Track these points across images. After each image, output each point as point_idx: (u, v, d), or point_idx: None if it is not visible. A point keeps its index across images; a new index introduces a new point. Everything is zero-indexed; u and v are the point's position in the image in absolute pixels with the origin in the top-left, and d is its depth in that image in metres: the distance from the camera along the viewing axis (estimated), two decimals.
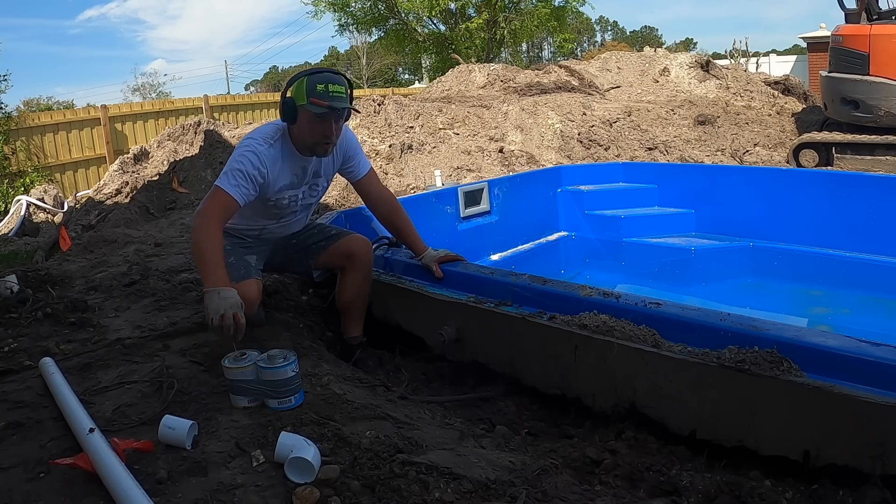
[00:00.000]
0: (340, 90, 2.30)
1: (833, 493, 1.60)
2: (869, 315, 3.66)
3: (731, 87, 9.85)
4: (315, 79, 2.30)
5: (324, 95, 2.27)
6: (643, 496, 1.67)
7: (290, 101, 2.34)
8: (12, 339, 2.54)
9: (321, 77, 2.30)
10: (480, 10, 19.84)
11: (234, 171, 2.29)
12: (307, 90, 2.28)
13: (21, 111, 13.50)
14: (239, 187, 2.28)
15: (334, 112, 2.29)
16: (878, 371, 1.65)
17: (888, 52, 6.66)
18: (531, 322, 2.26)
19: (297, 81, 2.33)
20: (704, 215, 4.57)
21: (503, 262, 4.29)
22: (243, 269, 2.38)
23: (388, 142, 6.77)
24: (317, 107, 2.26)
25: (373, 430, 1.76)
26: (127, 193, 7.24)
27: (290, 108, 2.34)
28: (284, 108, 2.35)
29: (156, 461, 1.63)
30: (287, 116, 2.36)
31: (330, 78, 2.31)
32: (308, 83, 2.29)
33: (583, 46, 58.50)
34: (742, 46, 16.17)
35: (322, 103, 2.26)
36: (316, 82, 2.28)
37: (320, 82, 2.28)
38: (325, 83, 2.28)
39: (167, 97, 26.51)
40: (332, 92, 2.28)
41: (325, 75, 2.32)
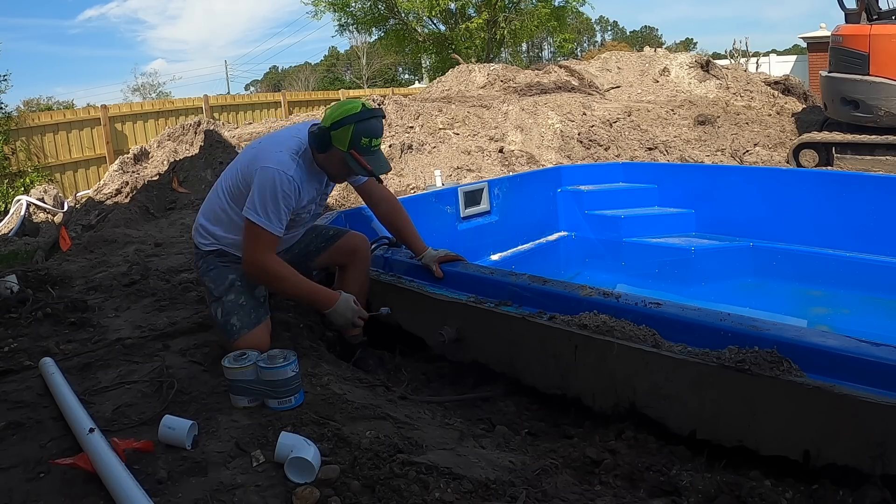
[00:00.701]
0: (379, 142, 2.29)
1: (833, 493, 1.60)
2: (869, 315, 3.66)
3: (731, 87, 9.85)
4: (362, 129, 2.21)
5: (366, 151, 2.23)
6: (643, 496, 1.67)
7: (326, 136, 2.24)
8: (12, 339, 2.54)
9: (369, 128, 2.22)
10: (480, 10, 19.83)
11: (273, 209, 2.17)
12: (352, 139, 2.21)
13: (21, 111, 13.51)
14: (281, 222, 2.22)
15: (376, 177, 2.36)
16: (878, 371, 1.65)
17: (888, 52, 6.66)
18: (531, 322, 2.26)
19: (344, 127, 2.21)
20: (704, 215, 4.57)
21: (503, 262, 4.29)
22: (253, 312, 2.30)
23: (388, 142, 6.77)
24: (359, 166, 2.25)
25: (373, 430, 1.76)
26: (127, 193, 7.24)
27: (325, 142, 2.25)
28: (319, 138, 2.24)
29: (156, 461, 1.63)
30: (319, 147, 2.27)
31: (376, 130, 2.24)
32: (354, 132, 2.20)
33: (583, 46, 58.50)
34: (742, 46, 16.18)
35: (365, 165, 2.24)
36: (362, 134, 2.21)
37: (366, 135, 2.21)
38: (370, 137, 2.22)
39: (167, 97, 26.53)
40: (374, 147, 2.25)
41: (372, 125, 2.24)
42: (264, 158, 2.24)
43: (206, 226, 2.43)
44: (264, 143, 2.40)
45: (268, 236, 2.20)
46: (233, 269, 2.36)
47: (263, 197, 2.17)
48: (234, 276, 2.34)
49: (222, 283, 2.34)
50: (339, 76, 45.07)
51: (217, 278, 2.35)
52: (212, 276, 2.37)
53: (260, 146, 2.39)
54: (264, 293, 2.42)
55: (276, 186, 2.17)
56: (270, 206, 2.17)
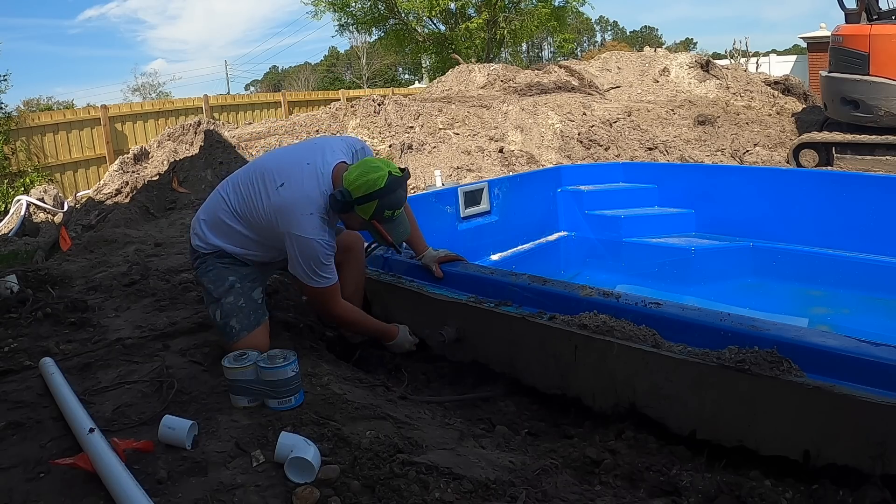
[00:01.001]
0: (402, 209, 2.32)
1: (833, 493, 1.60)
2: (869, 315, 3.66)
3: (731, 87, 9.85)
4: (386, 204, 2.21)
5: (388, 222, 2.27)
6: (643, 496, 1.67)
7: (348, 203, 2.19)
8: (12, 339, 2.54)
9: (393, 201, 2.23)
10: (480, 10, 19.84)
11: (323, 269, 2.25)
12: (376, 211, 2.22)
13: (21, 111, 13.50)
14: (332, 271, 2.29)
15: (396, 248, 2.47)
16: (878, 371, 1.65)
17: (888, 52, 6.66)
18: (531, 322, 2.26)
19: (369, 203, 2.20)
20: (704, 215, 4.57)
21: (503, 262, 4.29)
22: (252, 314, 2.31)
23: (388, 142, 6.78)
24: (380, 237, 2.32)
25: (373, 430, 1.76)
26: (127, 193, 7.24)
27: (345, 207, 2.21)
28: (341, 206, 2.20)
29: (156, 461, 1.63)
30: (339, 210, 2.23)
31: (400, 201, 2.25)
32: (378, 207, 2.21)
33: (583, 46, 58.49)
34: (742, 46, 16.18)
35: (384, 234, 2.29)
36: (386, 207, 2.22)
37: (390, 208, 2.23)
38: (393, 209, 2.24)
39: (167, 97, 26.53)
40: (395, 216, 2.27)
41: (398, 197, 2.24)
42: (295, 222, 2.19)
43: (207, 236, 2.38)
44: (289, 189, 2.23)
45: (330, 290, 2.32)
46: (232, 270, 2.35)
47: (309, 265, 2.23)
48: (233, 279, 2.34)
49: (221, 284, 2.33)
50: (339, 76, 45.07)
51: (216, 279, 2.35)
52: (211, 276, 2.36)
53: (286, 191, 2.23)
54: (262, 294, 2.42)
55: (319, 254, 2.23)
56: (321, 269, 2.25)
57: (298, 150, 2.48)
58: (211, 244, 2.37)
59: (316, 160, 2.30)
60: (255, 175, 2.33)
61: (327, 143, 2.45)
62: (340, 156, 2.34)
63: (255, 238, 2.33)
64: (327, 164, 2.29)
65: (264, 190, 2.26)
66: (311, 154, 2.34)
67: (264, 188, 2.26)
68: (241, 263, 2.38)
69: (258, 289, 2.40)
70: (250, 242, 2.35)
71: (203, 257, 2.39)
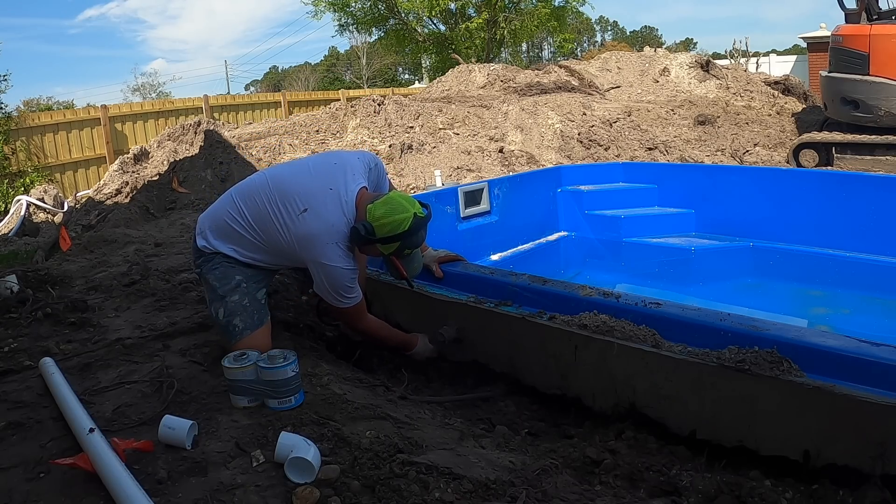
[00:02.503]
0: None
1: (833, 493, 1.60)
2: (869, 315, 3.66)
3: (731, 87, 9.85)
4: (408, 243, 2.28)
5: (405, 259, 2.34)
6: (643, 496, 1.67)
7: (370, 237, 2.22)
8: (12, 339, 2.54)
9: (413, 242, 2.29)
10: (480, 10, 19.84)
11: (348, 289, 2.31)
12: (397, 249, 2.28)
13: (21, 111, 13.49)
14: (357, 289, 2.36)
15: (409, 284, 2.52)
16: (878, 371, 1.65)
17: (888, 52, 6.66)
18: (531, 322, 2.26)
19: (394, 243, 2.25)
20: (704, 215, 4.57)
21: (503, 262, 4.29)
22: (255, 314, 2.32)
23: (388, 142, 6.78)
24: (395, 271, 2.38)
25: (373, 430, 1.76)
26: (127, 193, 7.24)
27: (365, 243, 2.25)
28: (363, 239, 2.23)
29: (156, 461, 1.63)
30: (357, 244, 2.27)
31: (420, 240, 2.32)
32: (401, 245, 2.27)
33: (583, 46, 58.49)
34: (742, 46, 16.19)
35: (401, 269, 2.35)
36: (407, 247, 2.28)
37: (410, 247, 2.30)
38: (412, 249, 2.31)
39: (167, 97, 26.53)
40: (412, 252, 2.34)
41: (420, 238, 2.31)
42: (321, 251, 2.22)
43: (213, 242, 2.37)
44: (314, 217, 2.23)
45: (356, 308, 2.39)
46: (238, 270, 2.35)
47: (335, 289, 2.29)
48: (240, 278, 2.33)
49: (227, 283, 2.32)
50: (339, 76, 45.08)
51: (222, 277, 2.34)
52: (216, 274, 2.35)
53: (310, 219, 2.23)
54: (265, 296, 2.42)
55: (345, 280, 2.29)
56: (346, 292, 2.31)
57: (319, 171, 2.41)
58: (216, 249, 2.36)
59: (338, 186, 2.30)
60: (274, 194, 2.29)
61: (346, 163, 2.42)
62: (361, 180, 2.36)
63: (268, 250, 2.33)
64: (350, 191, 2.30)
65: (286, 213, 2.25)
66: (332, 177, 2.33)
67: (286, 211, 2.25)
68: (247, 265, 2.38)
69: (262, 290, 2.40)
70: (262, 252, 2.35)
71: (207, 256, 2.39)
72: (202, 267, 2.41)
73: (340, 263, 2.24)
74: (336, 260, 2.23)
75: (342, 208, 2.26)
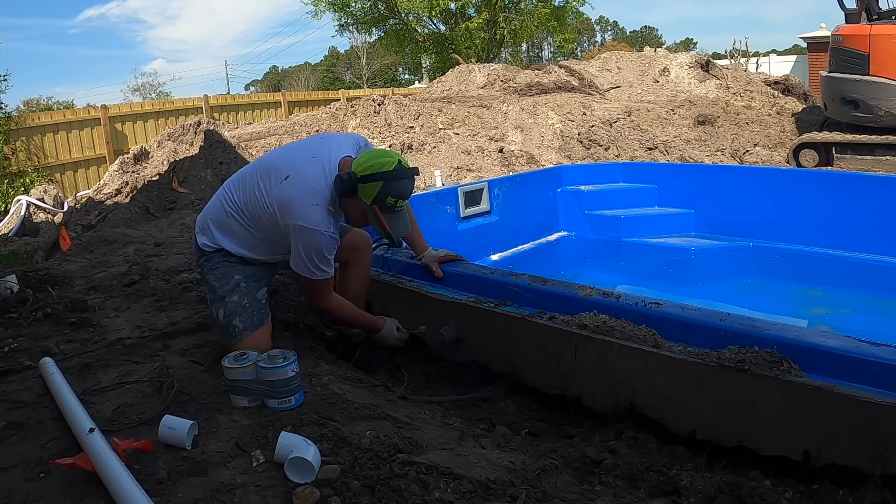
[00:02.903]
0: (406, 202, 2.27)
1: (833, 493, 1.60)
2: (869, 315, 3.66)
3: (731, 87, 9.85)
4: (390, 189, 2.18)
5: (388, 210, 2.22)
6: (643, 496, 1.67)
7: (354, 186, 2.18)
8: (12, 339, 2.54)
9: (398, 189, 2.20)
10: (480, 10, 19.83)
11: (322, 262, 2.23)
12: (378, 195, 2.18)
13: (21, 111, 13.49)
14: (330, 266, 2.28)
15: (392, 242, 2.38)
16: (878, 371, 1.65)
17: (888, 52, 6.66)
18: (531, 322, 2.26)
19: (374, 183, 2.17)
20: (704, 215, 4.57)
21: (503, 262, 4.29)
22: (255, 314, 2.31)
23: (388, 142, 6.78)
24: (378, 224, 2.26)
25: (373, 430, 1.76)
26: (127, 193, 7.25)
27: (350, 190, 2.19)
28: (346, 186, 2.18)
29: (156, 461, 1.63)
30: (343, 194, 2.22)
31: (405, 190, 2.22)
32: (382, 190, 2.18)
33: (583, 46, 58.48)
34: (742, 46, 16.18)
35: (383, 223, 2.24)
36: (389, 194, 2.18)
37: (394, 195, 2.19)
38: (397, 197, 2.21)
39: (167, 97, 26.52)
40: (398, 208, 2.24)
41: (403, 186, 2.21)
42: (301, 214, 2.16)
43: (215, 234, 2.37)
44: (295, 182, 2.21)
45: (324, 284, 2.31)
46: (238, 269, 2.35)
47: (311, 257, 2.21)
48: (239, 278, 2.33)
49: (227, 283, 2.33)
50: (339, 76, 45.07)
51: (222, 277, 2.34)
52: (216, 274, 2.35)
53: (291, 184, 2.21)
54: (266, 295, 2.42)
55: (322, 247, 2.21)
56: (320, 262, 2.23)
57: (304, 145, 2.47)
58: (217, 243, 2.37)
59: (321, 154, 2.30)
60: (259, 170, 2.33)
61: (333, 138, 2.45)
62: (347, 150, 2.34)
63: (261, 237, 2.32)
64: (333, 158, 2.29)
65: (269, 183, 2.25)
66: (316, 148, 2.35)
67: (269, 182, 2.25)
68: (247, 263, 2.38)
69: (263, 289, 2.40)
70: (256, 242, 2.34)
71: (208, 255, 2.39)
72: (203, 267, 2.41)
73: (321, 227, 2.17)
74: (317, 223, 2.17)
75: (325, 172, 2.24)
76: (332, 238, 2.22)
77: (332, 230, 2.21)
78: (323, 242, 2.20)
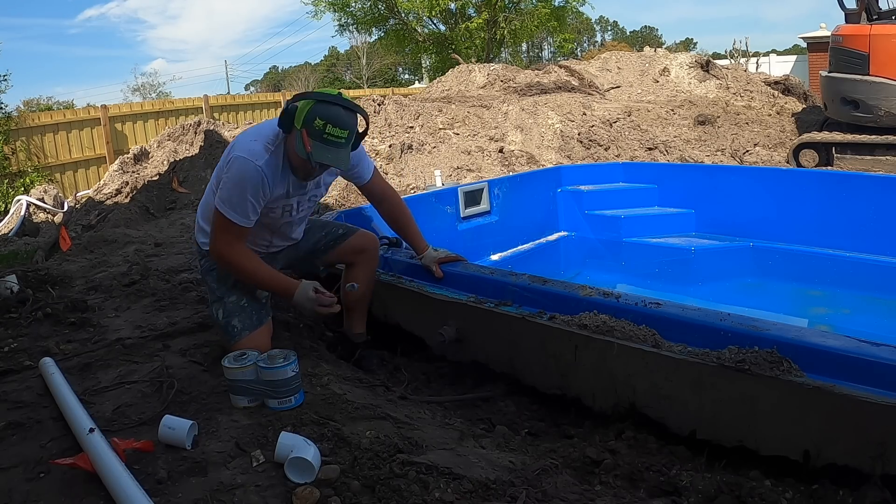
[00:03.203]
0: (340, 135, 2.05)
1: (833, 493, 1.60)
2: (869, 315, 3.66)
3: (731, 87, 9.85)
4: (320, 110, 2.04)
5: (316, 135, 2.04)
6: (643, 496, 1.67)
7: (291, 112, 2.10)
8: (12, 339, 2.54)
9: (327, 111, 2.04)
10: (480, 10, 19.83)
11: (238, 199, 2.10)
12: (306, 117, 2.04)
13: (21, 111, 13.49)
14: (247, 213, 2.14)
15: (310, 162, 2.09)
16: (878, 371, 1.65)
17: (888, 52, 6.65)
18: (531, 322, 2.26)
19: (305, 101, 2.08)
20: (704, 215, 4.57)
21: (503, 262, 4.29)
22: (255, 314, 2.29)
23: (388, 142, 6.78)
24: (300, 145, 2.05)
25: (373, 430, 1.76)
26: (127, 193, 7.25)
27: (288, 121, 2.11)
28: (284, 115, 2.11)
29: (156, 461, 1.63)
30: (283, 125, 2.14)
31: (335, 116, 2.05)
32: (311, 110, 2.05)
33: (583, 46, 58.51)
34: (742, 46, 16.18)
35: (306, 145, 2.03)
36: (318, 115, 2.03)
37: (322, 117, 2.03)
38: (326, 121, 2.03)
39: (167, 97, 26.51)
40: (328, 134, 2.04)
41: (333, 111, 2.05)
42: (238, 148, 2.16)
43: (203, 226, 2.40)
44: (245, 133, 2.25)
45: (234, 227, 2.15)
46: None
47: (230, 187, 2.11)
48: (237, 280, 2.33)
49: (224, 283, 2.33)
50: (339, 76, 45.09)
51: (220, 278, 2.34)
52: (214, 275, 2.36)
53: (240, 136, 2.25)
54: (267, 294, 2.42)
55: (243, 176, 2.10)
56: (236, 197, 2.11)
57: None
58: (208, 233, 2.36)
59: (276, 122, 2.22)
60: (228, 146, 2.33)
61: None
62: None
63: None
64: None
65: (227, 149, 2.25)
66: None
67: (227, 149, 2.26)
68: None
69: None
70: None
71: (207, 255, 2.38)
72: (202, 267, 2.42)
73: (252, 157, 2.09)
74: (249, 151, 2.11)
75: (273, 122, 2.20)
76: (258, 169, 2.09)
77: (261, 164, 2.10)
78: (247, 171, 2.09)
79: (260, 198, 2.16)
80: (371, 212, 3.52)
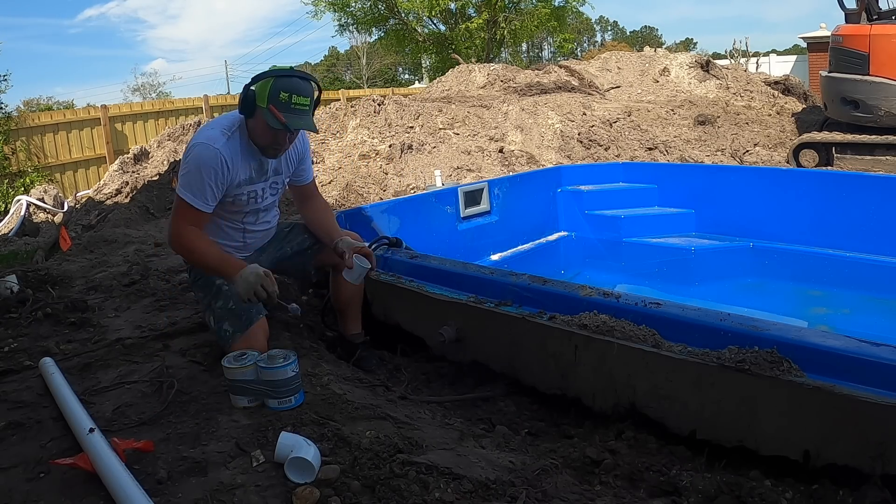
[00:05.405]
0: (304, 102, 2.17)
1: (833, 493, 1.60)
2: (869, 315, 3.66)
3: (731, 87, 9.85)
4: (281, 84, 2.15)
5: (284, 107, 2.14)
6: (643, 496, 1.67)
7: (251, 96, 2.20)
8: (12, 339, 2.55)
9: (288, 84, 2.15)
10: (480, 10, 19.84)
11: (196, 183, 2.16)
12: (270, 94, 2.14)
13: (21, 111, 13.51)
14: (205, 198, 2.19)
15: (289, 130, 2.20)
16: (878, 371, 1.65)
17: (888, 52, 6.66)
18: (531, 322, 2.26)
19: (264, 80, 2.18)
20: (704, 215, 4.57)
21: (503, 262, 4.29)
22: (243, 314, 2.25)
23: (388, 142, 6.78)
24: (273, 118, 2.15)
25: (373, 430, 1.76)
26: (127, 193, 7.25)
27: (250, 104, 2.20)
28: (244, 100, 2.21)
29: (156, 461, 1.63)
30: (245, 110, 2.23)
31: (297, 87, 2.16)
32: (273, 87, 2.15)
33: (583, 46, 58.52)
34: (742, 46, 16.18)
35: (279, 117, 2.14)
36: (281, 89, 2.14)
37: (285, 90, 2.14)
38: (289, 92, 2.14)
39: (167, 97, 26.50)
40: (295, 104, 2.15)
41: (293, 82, 2.17)
42: (196, 137, 2.24)
43: None
44: (203, 126, 2.34)
45: (192, 211, 2.19)
46: None
47: (190, 171, 2.18)
48: (220, 282, 2.31)
49: (209, 290, 2.33)
50: (339, 76, 45.07)
51: (205, 286, 2.36)
52: (200, 284, 2.38)
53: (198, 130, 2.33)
54: None
55: (200, 160, 2.16)
56: (194, 181, 2.17)
57: None
58: None
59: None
60: None
61: None
62: None
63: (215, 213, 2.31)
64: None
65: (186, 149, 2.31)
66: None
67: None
68: None
69: None
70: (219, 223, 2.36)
71: (190, 266, 2.40)
72: (191, 278, 2.43)
73: (209, 141, 2.18)
74: (206, 137, 2.21)
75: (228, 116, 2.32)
76: (216, 152, 2.17)
77: (218, 147, 2.19)
78: (204, 156, 2.16)
79: (220, 181, 2.22)
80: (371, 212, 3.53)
